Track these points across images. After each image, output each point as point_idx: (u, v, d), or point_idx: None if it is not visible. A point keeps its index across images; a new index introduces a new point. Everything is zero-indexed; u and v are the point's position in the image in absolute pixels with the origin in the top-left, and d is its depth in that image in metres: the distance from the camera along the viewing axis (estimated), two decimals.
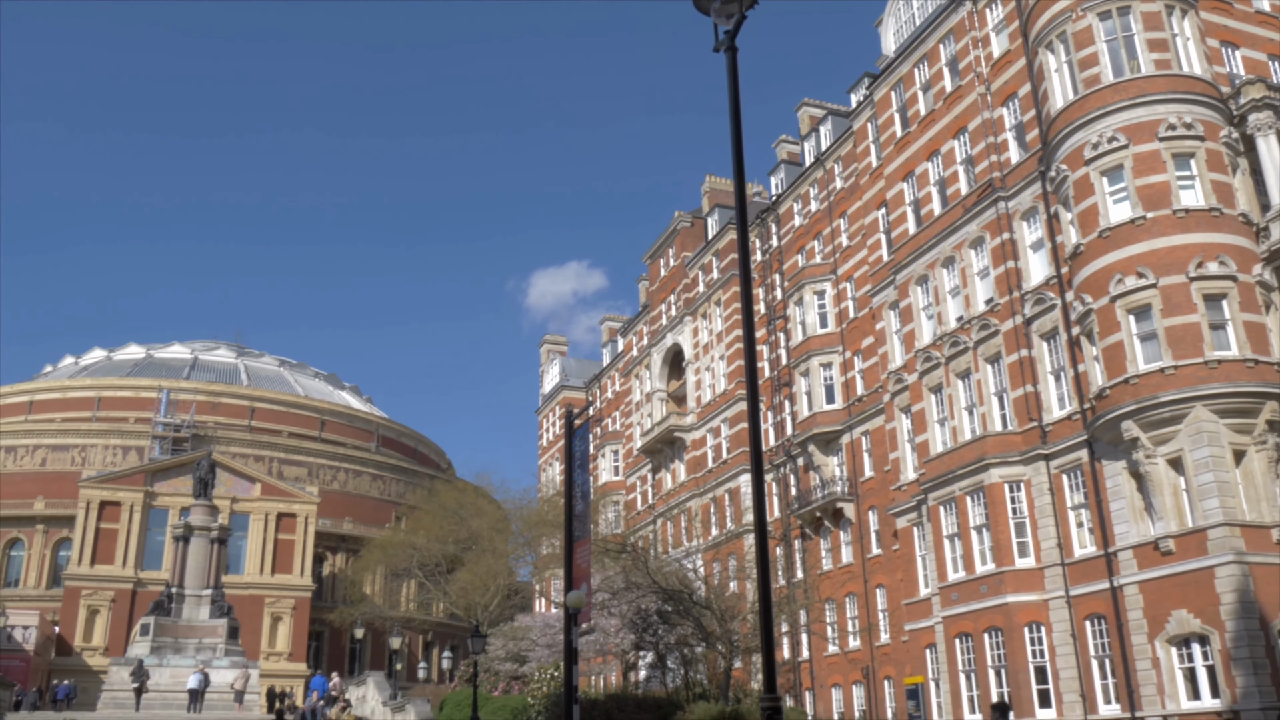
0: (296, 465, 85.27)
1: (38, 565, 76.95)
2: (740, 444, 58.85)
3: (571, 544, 25.45)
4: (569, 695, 22.74)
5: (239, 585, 69.36)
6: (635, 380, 75.45)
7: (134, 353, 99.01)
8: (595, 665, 51.09)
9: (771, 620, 14.12)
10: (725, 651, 35.49)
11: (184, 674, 43.84)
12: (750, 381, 14.87)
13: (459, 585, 59.48)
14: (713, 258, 65.83)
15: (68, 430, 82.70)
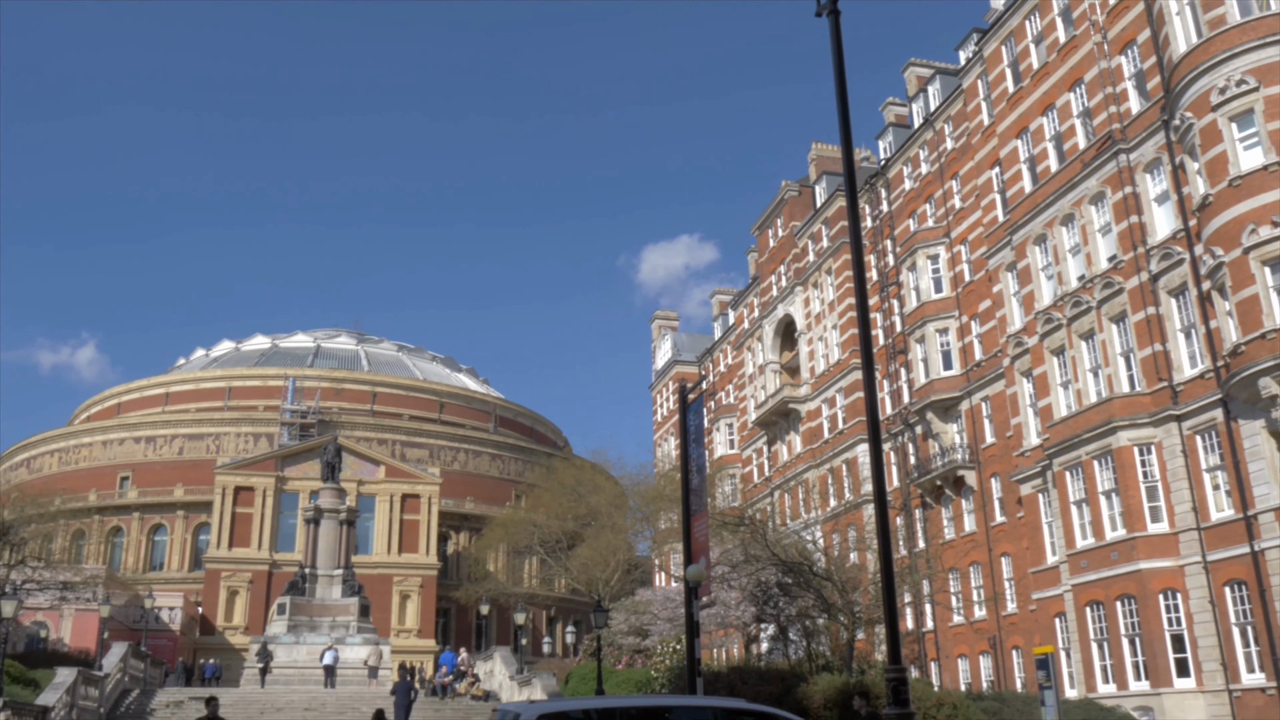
0: (418, 447, 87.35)
1: (180, 549, 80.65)
2: (856, 414, 58.15)
3: (689, 518, 25.49)
4: (692, 668, 22.84)
5: (368, 565, 71.48)
6: (747, 353, 75.09)
7: (260, 343, 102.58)
8: (717, 638, 51.19)
9: (894, 591, 13.94)
10: (847, 623, 35.20)
11: (319, 651, 45.47)
12: (865, 350, 14.64)
13: (579, 561, 60.21)
14: (822, 226, 64.98)
15: (202, 420, 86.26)
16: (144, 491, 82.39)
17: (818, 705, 26.44)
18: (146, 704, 36.34)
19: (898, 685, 13.17)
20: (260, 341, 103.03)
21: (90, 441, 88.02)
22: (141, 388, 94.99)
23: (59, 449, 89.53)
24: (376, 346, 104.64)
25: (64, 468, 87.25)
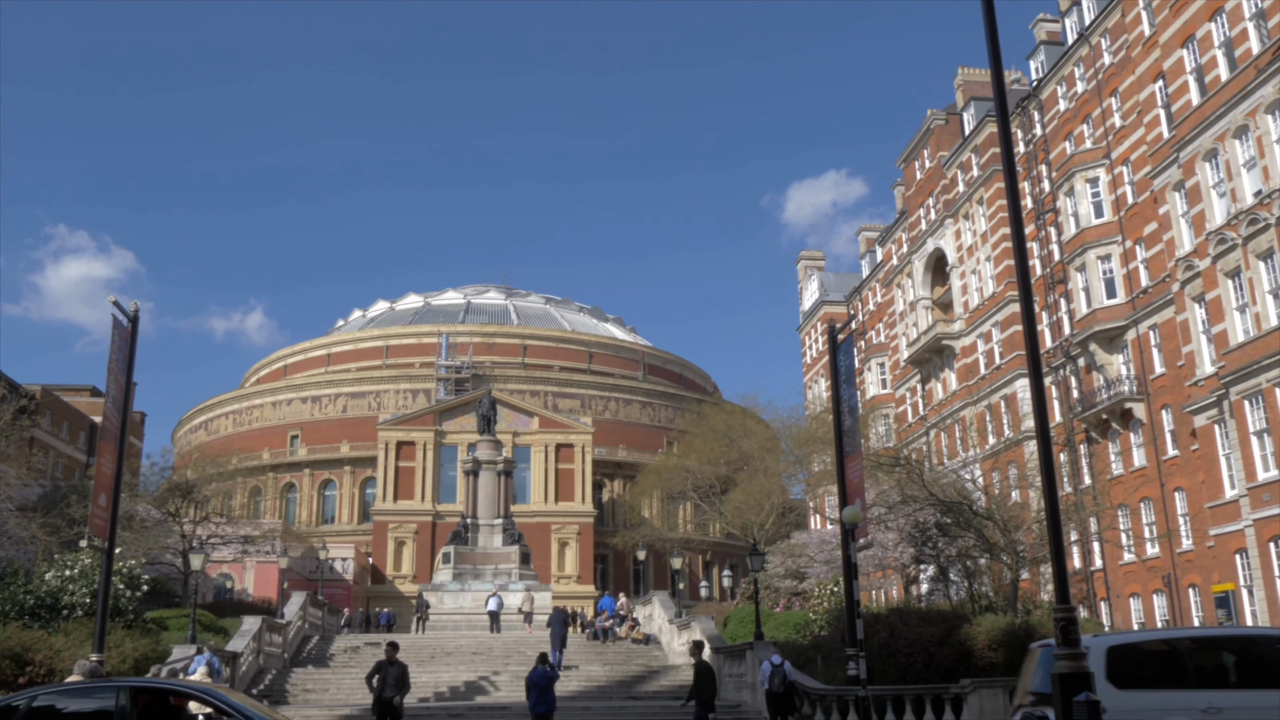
0: (569, 398, 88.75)
1: (349, 503, 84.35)
2: (1014, 348, 56.19)
3: (842, 460, 25.10)
4: (851, 610, 22.56)
5: (526, 514, 73.26)
6: (897, 290, 73.37)
7: (413, 302, 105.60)
8: (875, 580, 50.68)
9: (1060, 529, 13.37)
10: (1011, 563, 34.26)
11: (483, 597, 46.87)
12: (1022, 281, 13.97)
13: (733, 505, 60.32)
14: (971, 154, 62.63)
15: (362, 378, 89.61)
16: (313, 449, 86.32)
17: (982, 646, 25.85)
18: (326, 649, 38.15)
19: (1067, 625, 12.68)
20: (413, 300, 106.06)
21: (261, 403, 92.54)
22: (305, 350, 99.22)
23: (233, 411, 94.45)
24: (524, 300, 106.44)
25: (238, 429, 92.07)
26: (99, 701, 12.64)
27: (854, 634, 21.59)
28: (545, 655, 24.70)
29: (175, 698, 13.20)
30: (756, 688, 27.45)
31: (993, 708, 24.16)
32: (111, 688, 12.76)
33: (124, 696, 12.29)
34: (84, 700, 12.98)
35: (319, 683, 32.88)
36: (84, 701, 12.91)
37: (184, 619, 33.68)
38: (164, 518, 48.27)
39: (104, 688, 13.29)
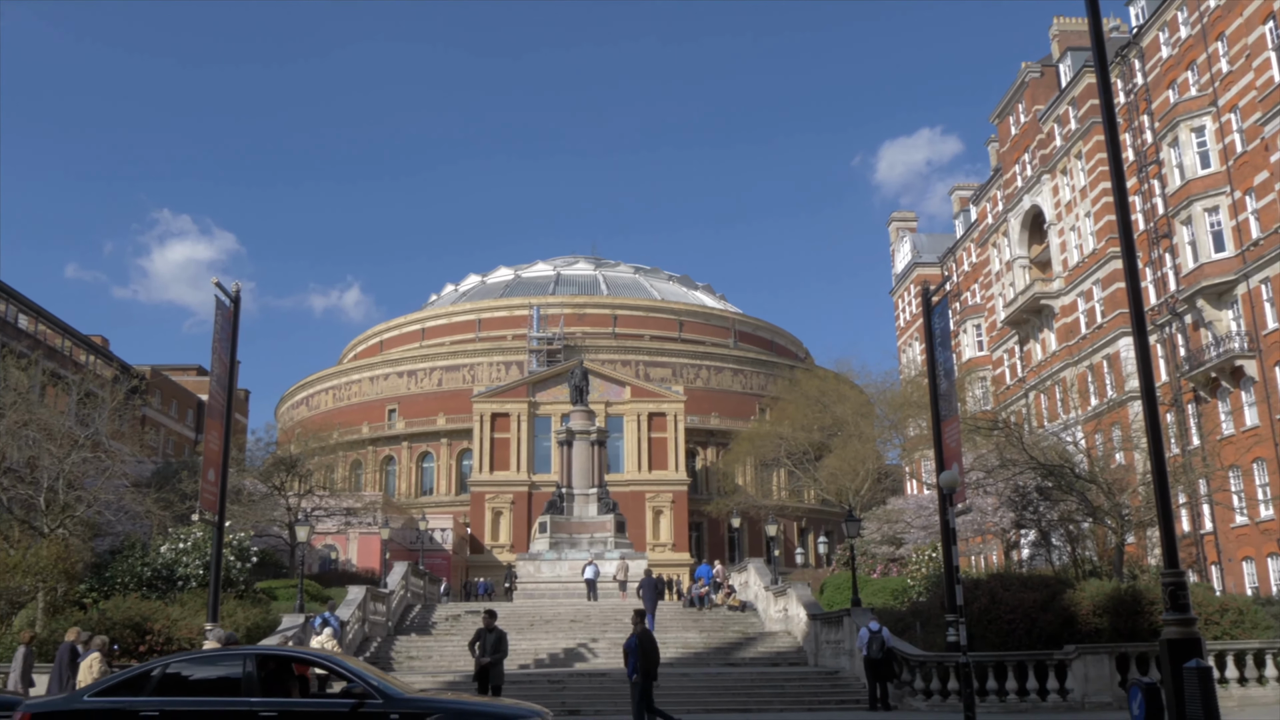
0: (660, 366, 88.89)
1: (446, 474, 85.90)
2: (1116, 306, 54.56)
3: (939, 424, 24.71)
4: (950, 575, 22.26)
5: (620, 483, 73.72)
6: (992, 249, 71.73)
7: (504, 275, 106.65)
8: (974, 545, 49.92)
9: (1167, 491, 12.98)
10: (1115, 527, 33.39)
11: (580, 566, 47.40)
12: (1124, 237, 13.52)
13: (828, 471, 59.90)
14: (1068, 107, 60.74)
15: (456, 352, 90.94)
16: (410, 422, 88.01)
17: (1086, 612, 25.32)
18: (428, 618, 38.99)
19: (1175, 590, 12.34)
20: (504, 273, 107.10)
21: (359, 378, 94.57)
22: (399, 325, 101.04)
23: (332, 386, 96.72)
24: (613, 270, 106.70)
25: (338, 404, 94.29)
26: (227, 668, 13.10)
27: (953, 600, 21.29)
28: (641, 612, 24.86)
29: (297, 664, 13.61)
30: (854, 654, 27.32)
31: (1098, 674, 23.69)
32: (239, 655, 13.22)
33: (250, 664, 12.72)
34: (213, 667, 13.45)
35: (422, 650, 33.64)
36: (213, 668, 13.38)
37: (292, 589, 34.73)
38: (270, 491, 49.71)
39: (231, 655, 13.74)
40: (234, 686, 12.66)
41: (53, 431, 34.86)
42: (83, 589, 29.56)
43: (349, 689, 12.50)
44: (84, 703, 12.51)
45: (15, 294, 58.26)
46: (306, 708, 12.84)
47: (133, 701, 12.39)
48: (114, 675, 13.11)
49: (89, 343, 67.60)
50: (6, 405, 35.00)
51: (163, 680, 12.66)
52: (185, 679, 12.96)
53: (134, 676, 12.76)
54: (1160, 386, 48.87)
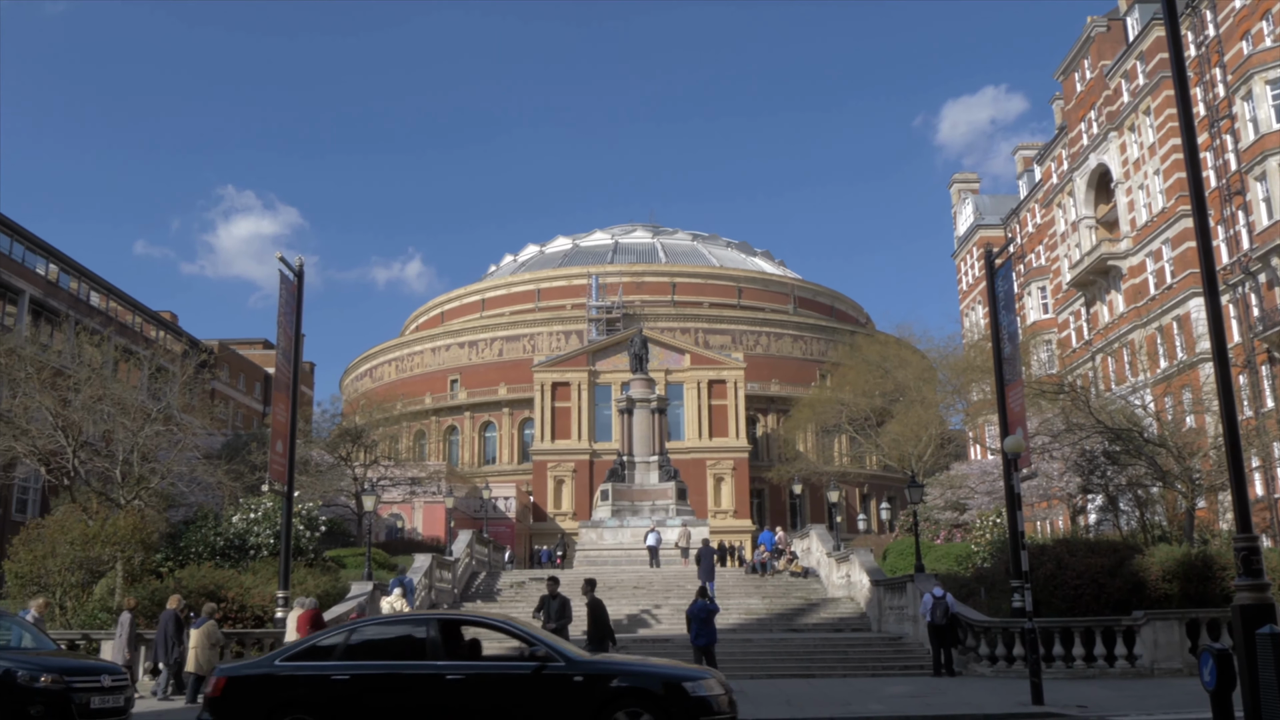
0: (719, 333, 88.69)
1: (508, 443, 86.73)
2: (1187, 265, 53.29)
3: (1003, 388, 24.43)
4: (1015, 541, 22.05)
5: (680, 450, 73.86)
6: (1057, 210, 70.34)
7: (562, 244, 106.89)
8: (1039, 510, 49.33)
9: (1240, 454, 12.72)
10: (1186, 491, 32.78)
11: (642, 533, 47.68)
12: (1195, 194, 13.20)
13: (889, 437, 59.47)
14: (1136, 62, 59.17)
15: (516, 322, 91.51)
16: (472, 392, 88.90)
17: (1155, 578, 24.98)
18: (493, 585, 39.53)
19: (1249, 555, 12.13)
20: (562, 243, 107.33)
21: (420, 349, 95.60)
22: (459, 296, 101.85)
23: (394, 358, 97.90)
24: (671, 238, 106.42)
25: (400, 375, 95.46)
26: (411, 632, 13.49)
27: (1018, 565, 21.10)
28: (705, 589, 25.00)
29: (467, 627, 14.00)
30: (918, 620, 27.23)
31: (1167, 640, 23.38)
32: (422, 619, 13.69)
33: (434, 628, 13.13)
34: (397, 631, 13.86)
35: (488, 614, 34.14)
36: (397, 632, 13.77)
37: (360, 557, 35.38)
38: (336, 462, 50.60)
39: (414, 619, 14.31)
40: (419, 649, 12.99)
41: (126, 406, 35.71)
42: (159, 558, 30.37)
43: (532, 652, 12.76)
44: (276, 667, 12.87)
45: (87, 272, 59.66)
46: (493, 670, 13.15)
47: (325, 666, 12.79)
48: (300, 642, 13.60)
49: (158, 319, 69.09)
50: (82, 381, 35.93)
51: (349, 645, 13.03)
52: (371, 643, 13.30)
53: (325, 643, 13.17)
54: (1232, 348, 47.72)
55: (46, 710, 14.41)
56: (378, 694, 12.68)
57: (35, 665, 14.81)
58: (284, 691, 12.63)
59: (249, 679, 12.84)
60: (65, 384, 35.96)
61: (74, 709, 14.61)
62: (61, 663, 15.49)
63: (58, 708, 14.49)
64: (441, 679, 12.64)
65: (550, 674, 12.55)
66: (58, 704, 14.49)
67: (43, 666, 14.82)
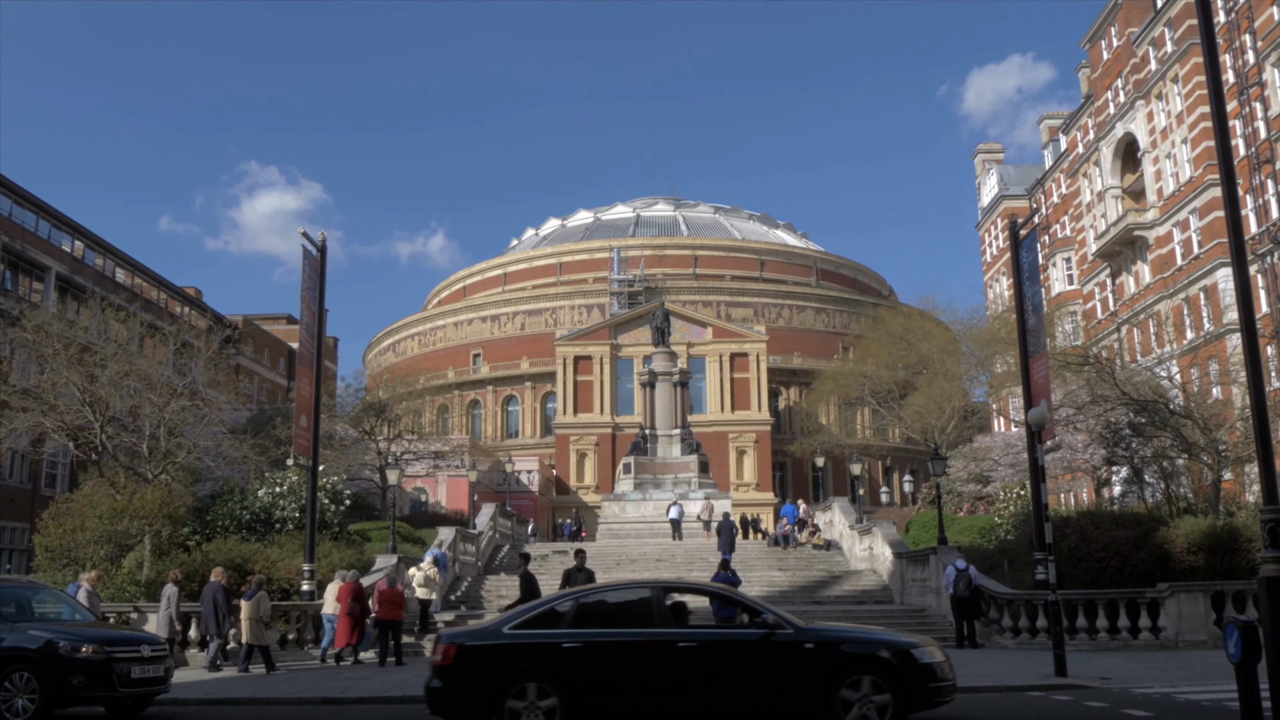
0: (742, 306, 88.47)
1: (531, 417, 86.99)
2: (1215, 235, 52.68)
3: (1027, 360, 24.33)
4: (1039, 513, 22.00)
5: (703, 423, 73.91)
6: (1083, 180, 69.62)
7: (583, 218, 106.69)
8: (1063, 483, 49.12)
9: (1267, 426, 12.59)
10: (1212, 463, 32.54)
11: (664, 506, 47.80)
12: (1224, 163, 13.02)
13: (913, 410, 59.29)
14: (1164, 29, 58.33)
15: (538, 296, 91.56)
16: (494, 366, 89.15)
17: (1180, 550, 24.86)
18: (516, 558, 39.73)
19: (1275, 527, 12.03)
20: (583, 216, 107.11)
21: (443, 324, 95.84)
22: (482, 270, 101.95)
23: (417, 333, 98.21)
24: (693, 211, 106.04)
25: (423, 349, 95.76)
26: (634, 600, 13.79)
27: (1042, 538, 21.06)
28: (727, 561, 25.07)
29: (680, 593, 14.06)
30: (940, 592, 27.22)
31: (1192, 613, 23.30)
32: (645, 586, 14.03)
33: (659, 595, 13.29)
34: (623, 596, 14.18)
35: (511, 589, 34.24)
36: (621, 600, 14.03)
37: (384, 530, 35.62)
38: (360, 436, 50.87)
39: (637, 586, 14.80)
40: (646, 617, 13.05)
41: (152, 381, 36.00)
42: (186, 532, 30.67)
43: (762, 619, 12.80)
44: (506, 635, 12.87)
45: (113, 249, 60.03)
46: (723, 637, 13.25)
47: (555, 634, 12.79)
48: (524, 610, 13.63)
49: (184, 294, 69.49)
50: (108, 357, 36.22)
51: (576, 613, 13.04)
52: (597, 611, 13.32)
53: (547, 610, 13.21)
54: (1261, 318, 47.18)
55: (88, 680, 14.65)
56: (610, 662, 12.65)
57: (76, 636, 15.02)
58: (516, 659, 12.61)
59: (480, 648, 12.79)
60: (92, 360, 36.26)
61: (115, 679, 14.81)
62: (102, 633, 15.69)
63: (99, 677, 14.71)
64: (673, 646, 12.61)
65: (780, 641, 12.53)
66: (99, 674, 14.71)
67: (83, 637, 15.03)
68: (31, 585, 18.31)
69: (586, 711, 12.37)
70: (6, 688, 14.54)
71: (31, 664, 14.58)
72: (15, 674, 14.57)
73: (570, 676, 12.42)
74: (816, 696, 12.11)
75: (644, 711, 12.56)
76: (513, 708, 12.22)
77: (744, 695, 12.44)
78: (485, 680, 12.47)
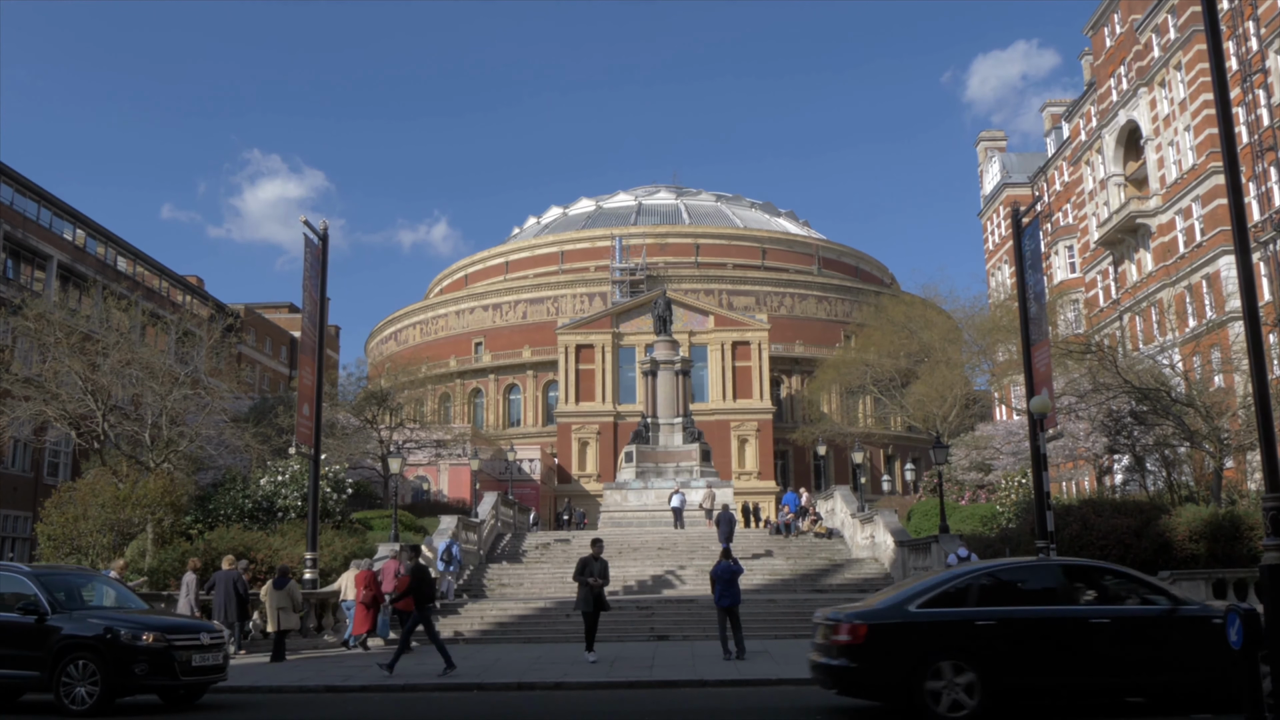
0: (743, 295, 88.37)
1: (532, 406, 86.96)
2: (1217, 223, 52.57)
3: (1029, 348, 24.29)
4: (1040, 501, 22.00)
5: (704, 412, 73.87)
6: (1086, 167, 69.46)
7: (585, 206, 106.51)
8: (1065, 471, 49.12)
9: (1269, 413, 12.58)
10: (1213, 451, 32.51)
11: (665, 495, 47.82)
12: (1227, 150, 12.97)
13: (914, 398, 59.27)
14: (1167, 15, 58.10)
15: (539, 284, 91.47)
16: (496, 355, 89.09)
17: (1182, 538, 24.87)
18: (518, 546, 39.80)
19: (1277, 515, 12.01)
20: (585, 205, 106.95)
21: (445, 312, 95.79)
22: (484, 259, 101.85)
23: (419, 321, 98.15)
24: (695, 199, 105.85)
25: (425, 338, 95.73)
26: (1041, 575, 13.92)
27: (1044, 526, 21.06)
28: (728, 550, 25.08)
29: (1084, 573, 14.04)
30: None
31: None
32: (1048, 566, 14.23)
33: (1062, 573, 13.50)
34: (1024, 575, 14.12)
35: (514, 577, 34.40)
36: (1026, 575, 14.07)
37: (386, 519, 35.68)
38: (362, 425, 50.91)
39: (1039, 566, 14.91)
40: (1051, 594, 13.18)
41: (154, 370, 36.01)
42: (188, 520, 30.73)
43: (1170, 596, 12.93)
44: (915, 614, 12.76)
45: (115, 237, 60.00)
46: (1134, 614, 13.10)
47: (968, 612, 12.72)
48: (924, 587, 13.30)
49: (185, 283, 69.48)
50: (110, 345, 36.23)
51: (981, 591, 13.02)
52: (1001, 589, 13.30)
53: (952, 589, 13.05)
54: (1263, 306, 47.11)
55: (150, 669, 14.46)
56: (1023, 639, 12.62)
57: (137, 624, 14.81)
58: (930, 637, 12.61)
59: (892, 626, 12.74)
60: (94, 348, 36.27)
61: (176, 667, 14.62)
62: (161, 621, 15.55)
63: (161, 666, 14.52)
64: (1085, 623, 12.65)
65: (1184, 617, 12.61)
66: (161, 662, 14.52)
67: (144, 625, 14.83)
68: (81, 572, 18.04)
69: (1001, 689, 12.35)
70: (67, 677, 14.32)
71: (92, 652, 14.36)
72: (76, 662, 14.34)
73: (984, 654, 12.39)
74: (1227, 671, 11.88)
75: (1057, 689, 12.56)
76: (932, 688, 12.23)
77: (1152, 671, 12.49)
78: (901, 659, 12.46)
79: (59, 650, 14.39)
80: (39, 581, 15.31)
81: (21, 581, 15.35)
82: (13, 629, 14.75)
